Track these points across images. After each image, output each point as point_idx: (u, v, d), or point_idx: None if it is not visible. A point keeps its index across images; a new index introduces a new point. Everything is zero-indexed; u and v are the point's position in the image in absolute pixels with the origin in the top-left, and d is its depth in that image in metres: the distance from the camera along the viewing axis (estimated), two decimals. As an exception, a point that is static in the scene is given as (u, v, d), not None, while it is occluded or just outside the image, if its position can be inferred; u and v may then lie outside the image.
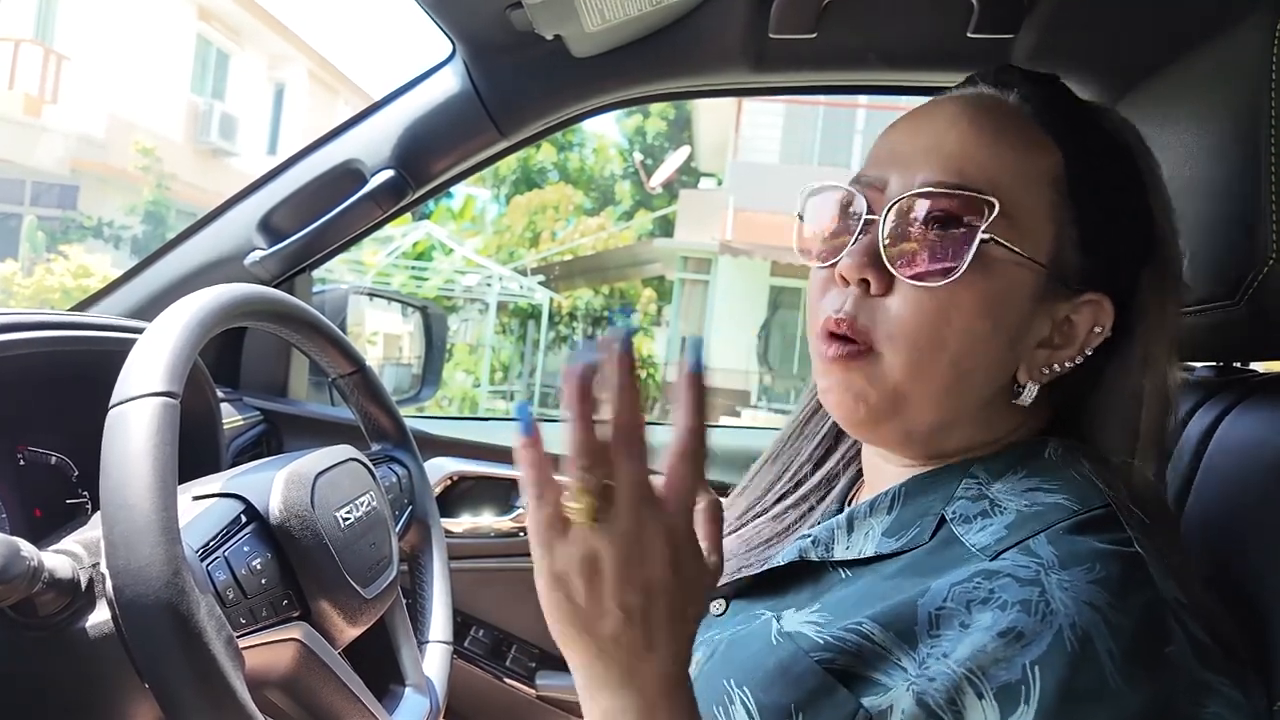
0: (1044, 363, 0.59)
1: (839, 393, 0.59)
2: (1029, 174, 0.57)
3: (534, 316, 13.62)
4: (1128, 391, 0.58)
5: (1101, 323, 0.59)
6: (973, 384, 0.58)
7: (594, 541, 0.46)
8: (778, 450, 0.75)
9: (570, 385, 0.46)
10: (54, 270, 9.41)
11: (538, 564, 0.49)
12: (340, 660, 0.65)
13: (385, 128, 1.15)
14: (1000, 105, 0.60)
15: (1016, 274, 0.57)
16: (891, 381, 0.57)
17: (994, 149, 0.57)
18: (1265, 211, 0.64)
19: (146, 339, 0.58)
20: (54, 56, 12.43)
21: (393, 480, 0.86)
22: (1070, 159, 0.58)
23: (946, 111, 0.60)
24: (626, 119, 18.71)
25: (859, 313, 0.58)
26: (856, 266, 0.57)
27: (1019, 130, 0.58)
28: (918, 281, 0.56)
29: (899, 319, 0.56)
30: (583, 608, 0.47)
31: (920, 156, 0.58)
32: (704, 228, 12.80)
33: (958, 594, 0.51)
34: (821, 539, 0.62)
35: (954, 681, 0.48)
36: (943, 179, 0.57)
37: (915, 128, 0.61)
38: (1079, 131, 0.59)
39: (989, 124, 0.58)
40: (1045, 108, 0.60)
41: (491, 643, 1.26)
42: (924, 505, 0.59)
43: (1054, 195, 0.57)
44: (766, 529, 0.71)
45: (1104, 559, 0.50)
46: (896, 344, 0.56)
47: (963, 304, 0.55)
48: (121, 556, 0.50)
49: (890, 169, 0.59)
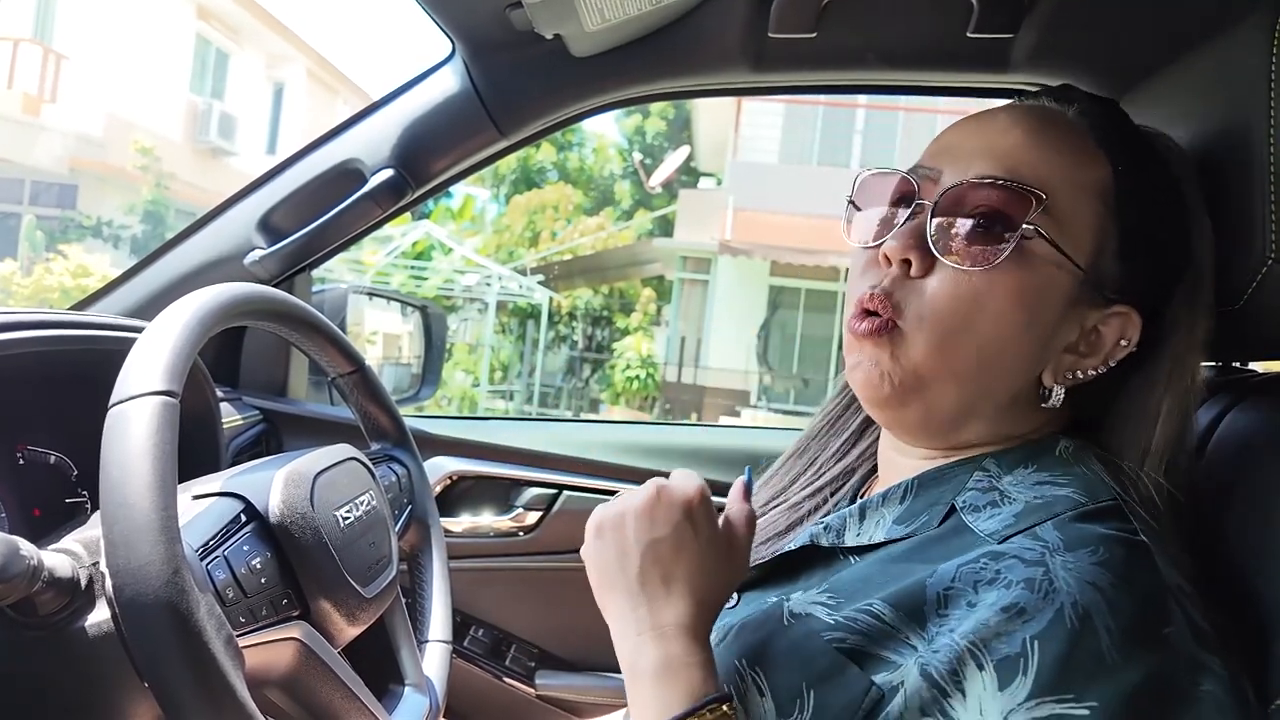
0: (1069, 368, 0.61)
1: (866, 369, 0.61)
2: (1078, 181, 0.59)
3: (533, 316, 13.63)
4: (1150, 405, 0.60)
5: (1128, 336, 0.60)
6: (996, 375, 0.60)
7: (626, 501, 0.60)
8: (804, 445, 0.77)
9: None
10: (53, 270, 9.40)
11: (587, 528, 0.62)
12: (340, 659, 0.65)
13: (385, 127, 1.15)
14: (1058, 116, 0.63)
15: (1054, 273, 0.58)
16: (915, 359, 0.59)
17: (1046, 153, 0.60)
18: (1264, 212, 0.64)
19: (146, 338, 0.57)
20: (53, 56, 12.42)
21: (392, 480, 0.86)
22: (1119, 174, 0.60)
23: (1005, 116, 0.62)
24: (626, 119, 18.72)
25: (895, 289, 0.60)
26: (902, 247, 0.60)
27: (1073, 141, 0.61)
28: (958, 264, 0.58)
29: (932, 299, 0.58)
30: (615, 554, 0.59)
31: (976, 152, 0.61)
32: (703, 227, 12.80)
33: (965, 574, 0.53)
34: (834, 526, 0.64)
35: (956, 653, 0.49)
36: (995, 173, 0.59)
37: (973, 128, 0.63)
38: (1131, 150, 0.62)
39: (1045, 131, 0.61)
40: (1101, 124, 0.62)
41: (491, 642, 1.26)
42: (935, 496, 0.61)
43: (1100, 205, 0.59)
44: (782, 519, 0.73)
45: (1109, 543, 0.51)
46: (924, 324, 0.59)
47: (998, 292, 0.57)
48: (121, 555, 0.50)
49: (945, 162, 0.62)
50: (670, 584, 0.57)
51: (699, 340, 12.91)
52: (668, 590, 0.57)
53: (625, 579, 0.58)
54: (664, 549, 0.58)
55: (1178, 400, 0.60)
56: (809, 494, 0.74)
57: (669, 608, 0.57)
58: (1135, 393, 0.61)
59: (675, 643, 0.56)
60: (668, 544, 0.58)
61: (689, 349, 12.92)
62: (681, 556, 0.58)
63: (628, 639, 0.57)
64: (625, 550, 0.59)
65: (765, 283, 12.54)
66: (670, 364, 12.86)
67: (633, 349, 12.31)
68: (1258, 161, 0.65)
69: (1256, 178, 0.65)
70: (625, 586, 0.58)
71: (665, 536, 0.58)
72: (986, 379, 0.59)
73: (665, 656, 0.55)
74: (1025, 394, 0.61)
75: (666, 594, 0.57)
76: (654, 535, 0.58)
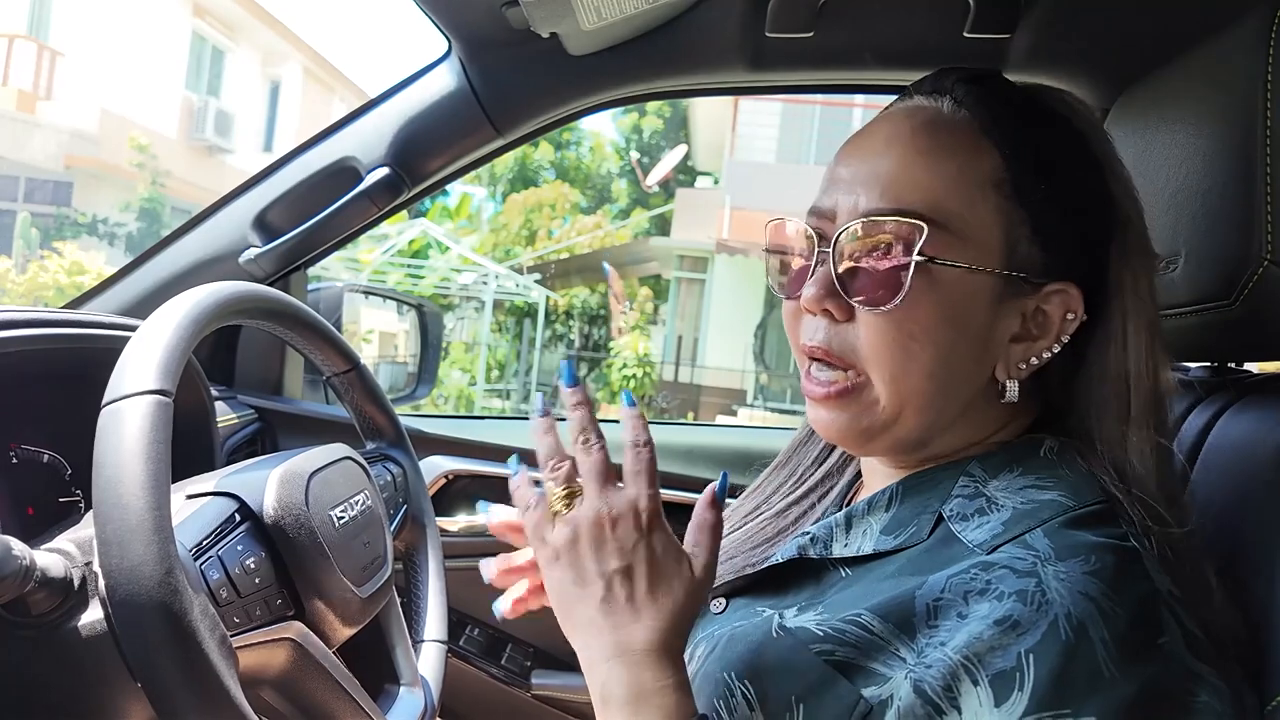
0: (1022, 357, 0.60)
1: (827, 424, 0.62)
2: (969, 181, 0.58)
3: (530, 315, 13.62)
4: (1111, 369, 0.59)
5: (1073, 309, 0.59)
6: (951, 390, 0.59)
7: (572, 522, 0.56)
8: (787, 456, 0.77)
9: (537, 424, 0.61)
10: (48, 267, 9.36)
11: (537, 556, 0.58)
12: (335, 659, 0.65)
13: (381, 125, 1.14)
14: (935, 116, 0.60)
15: (969, 282, 0.58)
16: (881, 403, 0.59)
17: (929, 164, 0.58)
18: (1260, 212, 0.64)
19: (140, 337, 0.57)
20: (48, 52, 12.38)
21: (388, 479, 0.85)
22: (1011, 157, 0.58)
23: (883, 132, 0.61)
24: (623, 117, 18.71)
25: (832, 340, 0.60)
26: (817, 298, 0.60)
27: (954, 139, 0.59)
28: (870, 307, 0.57)
29: (868, 344, 0.58)
30: (573, 580, 0.56)
31: (860, 183, 0.60)
32: (700, 226, 12.80)
33: (955, 585, 0.52)
34: (820, 537, 0.63)
35: (950, 668, 0.49)
36: (879, 205, 0.58)
37: (856, 153, 0.62)
38: (1018, 127, 0.60)
39: (923, 140, 0.59)
40: (983, 110, 0.60)
41: (486, 642, 1.26)
42: (921, 503, 0.60)
43: (998, 198, 0.58)
44: (770, 526, 0.72)
45: (1100, 551, 0.51)
46: (875, 366, 0.58)
47: (919, 320, 0.57)
48: (114, 555, 0.49)
49: (836, 198, 0.61)
50: (636, 605, 0.55)
51: (696, 339, 12.91)
52: (635, 613, 0.55)
53: (587, 606, 0.55)
54: (625, 570, 0.55)
55: (1140, 359, 0.58)
56: (792, 500, 0.73)
57: (638, 630, 0.54)
58: (1095, 358, 0.59)
59: (647, 668, 0.53)
60: (628, 564, 0.55)
61: (686, 348, 12.93)
62: (643, 575, 0.55)
63: (596, 667, 0.55)
64: (584, 576, 0.56)
65: (762, 282, 12.51)
66: (667, 363, 12.86)
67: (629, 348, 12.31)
68: (1254, 162, 0.65)
69: (1253, 178, 0.65)
70: (588, 614, 0.55)
71: (624, 556, 0.55)
72: (942, 399, 0.59)
73: (638, 682, 0.53)
74: (983, 395, 0.61)
75: (634, 617, 0.55)
76: (615, 562, 0.55)
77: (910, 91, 0.64)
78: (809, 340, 0.61)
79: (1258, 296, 0.65)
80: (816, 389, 0.61)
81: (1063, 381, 0.61)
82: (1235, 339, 0.72)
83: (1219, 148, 0.69)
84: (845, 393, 0.59)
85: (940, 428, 0.61)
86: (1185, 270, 0.71)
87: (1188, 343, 0.73)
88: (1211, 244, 0.69)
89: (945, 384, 0.58)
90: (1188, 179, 0.72)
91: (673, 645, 0.55)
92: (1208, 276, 0.69)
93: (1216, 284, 0.68)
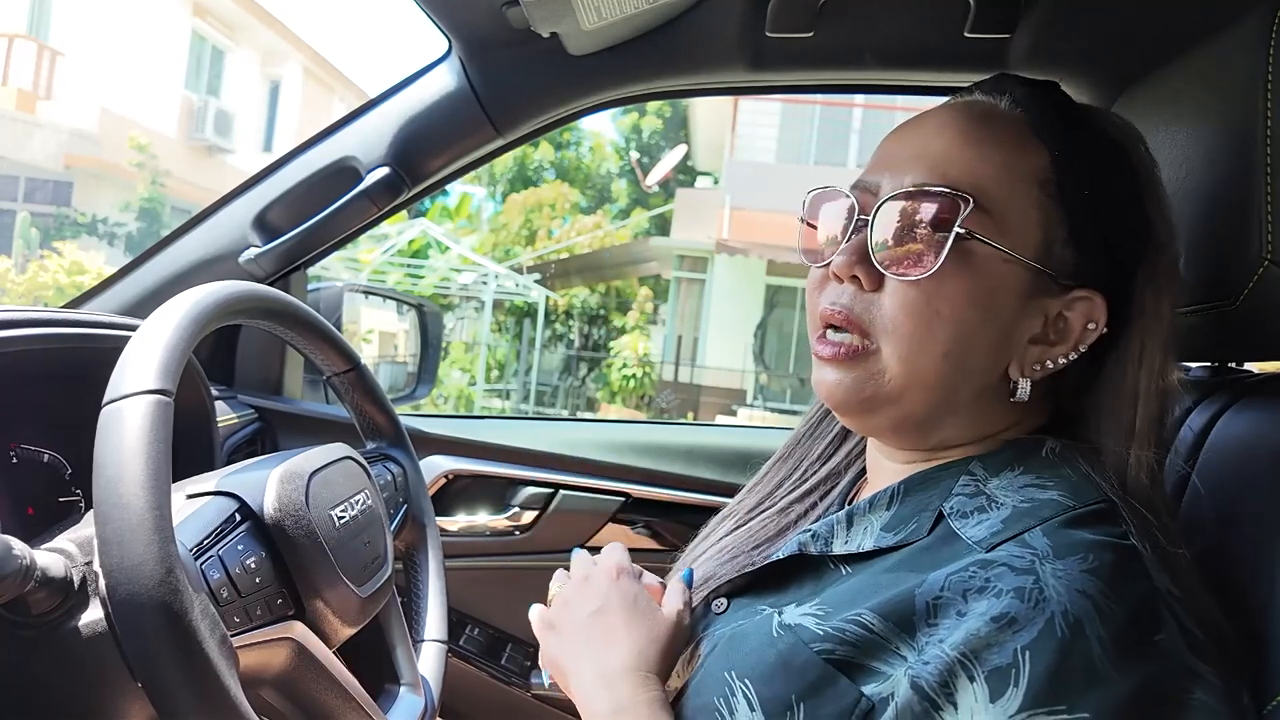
0: (1038, 359, 0.60)
1: (831, 385, 0.62)
2: (1015, 174, 0.59)
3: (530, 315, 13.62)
4: (1125, 388, 0.59)
5: (1095, 319, 0.59)
6: (964, 376, 0.60)
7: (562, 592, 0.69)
8: (790, 449, 0.77)
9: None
10: (47, 267, 9.36)
11: (537, 634, 0.69)
12: (335, 659, 0.65)
13: (381, 125, 1.14)
14: (991, 110, 0.62)
15: (1002, 270, 0.58)
16: (889, 374, 0.59)
17: (979, 151, 0.59)
18: (1260, 213, 0.64)
19: (140, 336, 0.57)
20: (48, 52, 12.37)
21: (388, 479, 0.85)
22: (1059, 160, 0.60)
23: (938, 119, 0.62)
24: (623, 117, 18.71)
25: (854, 304, 0.60)
26: (848, 264, 0.60)
27: (1007, 133, 0.60)
28: (902, 276, 0.58)
29: (891, 313, 0.59)
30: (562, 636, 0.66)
31: (909, 161, 0.61)
32: (700, 226, 12.80)
33: (954, 583, 0.52)
34: (821, 534, 0.63)
35: (947, 664, 0.49)
36: (926, 180, 0.59)
37: (908, 134, 0.63)
38: (1070, 133, 0.61)
39: (976, 129, 0.60)
40: (1037, 111, 0.61)
41: (487, 641, 1.26)
42: (922, 501, 0.60)
43: (1041, 195, 0.59)
44: (771, 525, 0.72)
45: (1098, 550, 0.51)
46: (890, 337, 0.59)
47: (948, 297, 0.58)
48: (114, 555, 0.49)
49: (883, 173, 0.62)
50: (612, 635, 0.63)
51: (695, 339, 12.91)
52: (611, 642, 0.63)
53: (574, 647, 0.64)
54: (600, 610, 0.64)
55: (1151, 379, 0.59)
56: (796, 498, 0.73)
57: (614, 655, 0.62)
58: (1110, 375, 0.60)
59: (624, 685, 0.60)
60: (602, 604, 0.65)
61: (685, 348, 12.93)
62: (617, 611, 0.64)
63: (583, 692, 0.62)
64: (569, 626, 0.65)
65: (762, 282, 12.54)
66: (667, 363, 12.86)
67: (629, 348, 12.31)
68: (1254, 162, 0.65)
69: (1253, 178, 0.65)
70: (574, 654, 0.64)
71: (599, 599, 0.65)
72: (953, 381, 0.59)
73: (616, 699, 0.59)
74: (993, 390, 0.61)
75: (610, 644, 0.62)
76: (593, 604, 0.65)
77: (971, 88, 0.66)
78: (830, 304, 0.61)
79: (1258, 296, 0.65)
80: (825, 349, 0.61)
81: (1076, 390, 0.62)
82: (1235, 339, 0.72)
83: (1219, 148, 0.69)
84: (853, 354, 0.60)
85: (945, 414, 0.61)
86: (1185, 270, 0.71)
87: (1188, 343, 0.73)
88: (1212, 244, 0.69)
89: (957, 368, 0.59)
90: (1188, 179, 0.72)
91: (649, 666, 0.61)
92: (1208, 276, 0.69)
93: (1217, 284, 0.68)
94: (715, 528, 0.76)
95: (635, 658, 0.61)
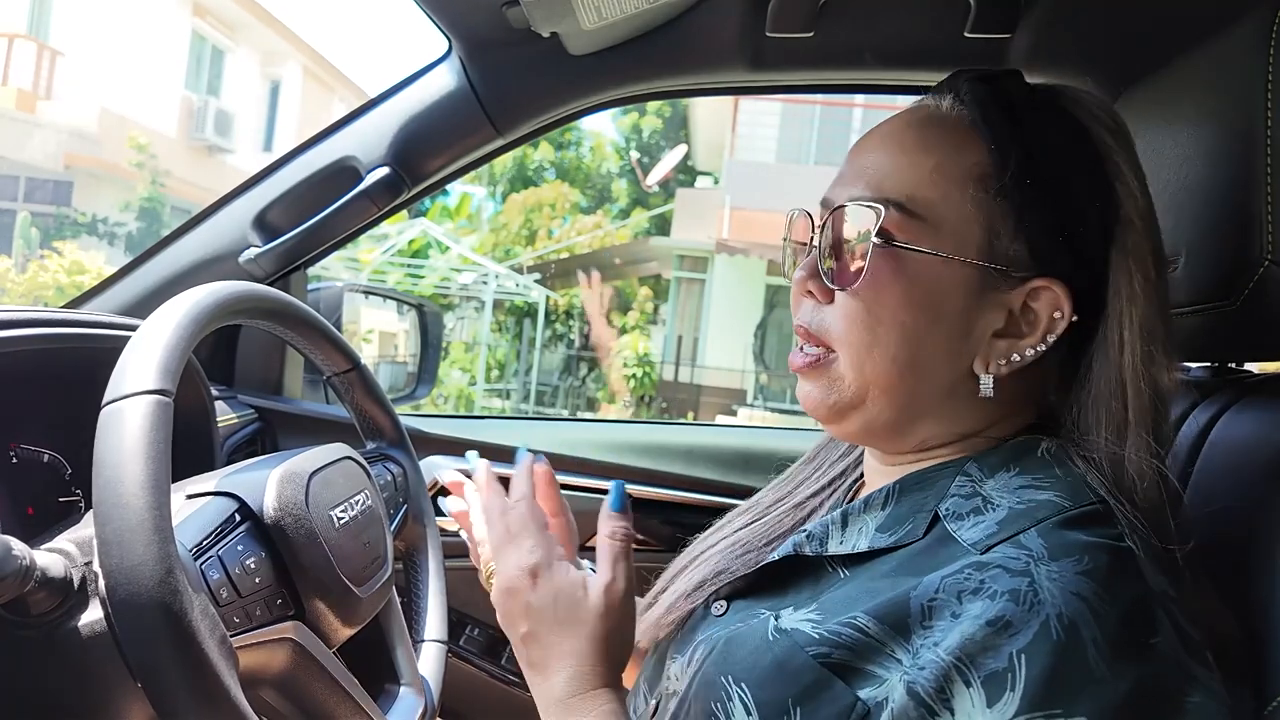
0: (1005, 353, 0.60)
1: (804, 395, 0.65)
2: (947, 175, 0.59)
3: (530, 315, 13.62)
4: (1109, 377, 0.58)
5: (1060, 308, 0.58)
6: (920, 377, 0.60)
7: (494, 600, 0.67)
8: (817, 449, 0.79)
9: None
10: (48, 267, 9.36)
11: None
12: (335, 659, 0.65)
13: (381, 125, 1.14)
14: (930, 115, 0.63)
15: (939, 270, 0.59)
16: (847, 380, 0.62)
17: (910, 158, 0.61)
18: (1261, 213, 0.64)
19: (140, 336, 0.57)
20: (48, 52, 12.38)
21: (388, 479, 0.85)
22: (997, 153, 0.59)
23: (881, 131, 0.65)
24: (623, 117, 18.70)
25: (811, 320, 0.64)
26: (801, 280, 0.64)
27: (942, 135, 0.61)
28: (840, 287, 0.61)
29: (839, 323, 0.61)
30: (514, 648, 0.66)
31: (853, 177, 0.63)
32: (700, 226, 12.80)
33: (949, 585, 0.52)
34: (816, 534, 0.63)
35: (943, 670, 0.49)
36: (861, 195, 0.61)
37: (858, 149, 0.66)
38: (1010, 124, 0.60)
39: (911, 136, 0.62)
40: (977, 107, 0.61)
41: (486, 641, 1.26)
42: (917, 502, 0.60)
43: (978, 192, 0.59)
44: (787, 519, 0.73)
45: (1093, 551, 0.51)
46: (843, 346, 0.61)
47: (887, 303, 0.59)
48: (114, 555, 0.49)
49: (836, 190, 0.65)
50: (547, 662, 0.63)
51: (696, 339, 12.91)
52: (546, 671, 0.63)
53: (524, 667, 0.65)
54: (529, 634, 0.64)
55: (1138, 363, 0.57)
56: (811, 494, 0.74)
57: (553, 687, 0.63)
58: (1094, 365, 0.59)
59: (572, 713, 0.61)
60: (528, 627, 0.64)
61: (686, 348, 12.93)
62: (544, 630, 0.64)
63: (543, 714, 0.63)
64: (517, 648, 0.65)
65: (762, 282, 12.54)
66: (667, 363, 12.86)
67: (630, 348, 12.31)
68: (1255, 162, 0.65)
69: (1254, 178, 0.65)
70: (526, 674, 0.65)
71: (524, 619, 0.64)
72: (910, 382, 0.60)
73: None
74: (962, 388, 0.61)
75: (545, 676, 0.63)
76: (521, 627, 0.64)
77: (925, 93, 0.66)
78: (799, 320, 0.65)
79: (1258, 297, 0.65)
80: (796, 359, 0.65)
81: (1060, 384, 0.61)
82: (1236, 339, 0.72)
83: (1220, 148, 0.69)
84: (815, 365, 0.63)
85: (915, 416, 0.62)
86: (1186, 270, 0.71)
87: (1188, 343, 0.73)
88: (1212, 244, 0.69)
89: (912, 369, 0.60)
90: (1188, 179, 0.72)
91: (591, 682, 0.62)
92: (1208, 277, 0.69)
93: (1217, 284, 0.68)
94: (731, 520, 0.76)
95: (572, 680, 0.62)
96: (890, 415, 0.61)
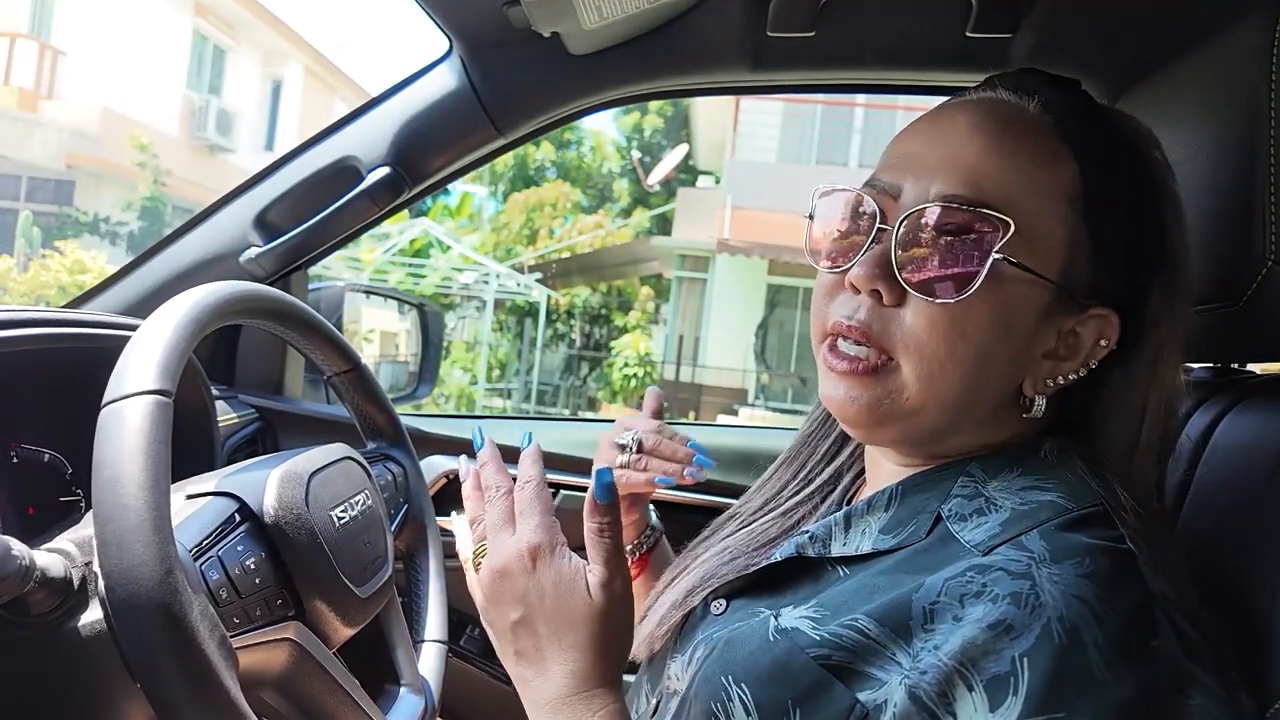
0: (1049, 374, 0.59)
1: (842, 401, 0.59)
2: (1046, 189, 0.57)
3: (531, 314, 13.62)
4: (1133, 403, 0.59)
5: (1107, 336, 0.59)
6: (981, 394, 0.59)
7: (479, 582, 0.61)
8: (795, 450, 0.77)
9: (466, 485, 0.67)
10: (49, 266, 9.37)
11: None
12: (335, 660, 0.65)
13: (382, 124, 1.14)
14: (1020, 115, 0.59)
15: (1027, 290, 0.57)
16: (908, 392, 0.57)
17: (1012, 162, 0.57)
18: (1264, 214, 0.64)
19: (140, 336, 0.57)
20: (50, 51, 12.39)
21: (388, 479, 0.85)
22: (1087, 172, 0.58)
23: (966, 119, 0.59)
24: (624, 116, 18.69)
25: (873, 321, 0.58)
26: (868, 277, 0.57)
27: (1037, 142, 0.58)
28: (930, 297, 0.56)
29: (914, 332, 0.56)
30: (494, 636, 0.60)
31: (936, 166, 0.58)
32: (701, 226, 12.79)
33: (951, 588, 0.52)
34: (819, 535, 0.63)
35: (945, 674, 0.49)
36: (959, 192, 0.56)
37: (932, 134, 0.60)
38: (1097, 141, 0.59)
39: (1008, 136, 0.57)
40: (1065, 116, 0.59)
41: (487, 641, 1.26)
42: (920, 503, 0.60)
43: (1068, 211, 0.57)
44: (774, 526, 0.72)
45: (1094, 554, 0.51)
46: (912, 356, 0.57)
47: (975, 319, 0.55)
48: (114, 555, 0.49)
49: (905, 176, 0.59)
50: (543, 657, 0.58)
51: (697, 339, 12.91)
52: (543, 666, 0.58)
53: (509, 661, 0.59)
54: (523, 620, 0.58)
55: (1161, 396, 0.58)
56: (799, 500, 0.73)
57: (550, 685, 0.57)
58: (1118, 391, 0.59)
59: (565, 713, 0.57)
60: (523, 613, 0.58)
61: (687, 347, 12.93)
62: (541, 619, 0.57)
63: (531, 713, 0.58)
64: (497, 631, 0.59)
65: (763, 281, 12.54)
66: (668, 362, 12.86)
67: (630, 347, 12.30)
68: (1258, 162, 0.64)
69: (1257, 178, 0.64)
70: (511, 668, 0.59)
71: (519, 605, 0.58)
72: (970, 398, 0.58)
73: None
74: (1006, 404, 0.60)
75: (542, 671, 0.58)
76: (513, 613, 0.58)
77: (994, 82, 0.62)
78: (845, 317, 0.58)
79: (1261, 298, 0.65)
80: (840, 363, 0.59)
81: (1082, 402, 0.61)
82: (1238, 340, 0.72)
83: (1222, 148, 0.69)
84: (871, 371, 0.58)
85: (957, 428, 0.60)
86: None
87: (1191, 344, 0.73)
88: (1215, 245, 0.69)
89: (977, 386, 0.58)
90: (1190, 180, 0.71)
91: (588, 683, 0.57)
92: (1211, 277, 0.69)
93: (1220, 285, 0.68)
94: (719, 527, 0.76)
95: (573, 678, 0.57)
96: (937, 427, 0.59)
